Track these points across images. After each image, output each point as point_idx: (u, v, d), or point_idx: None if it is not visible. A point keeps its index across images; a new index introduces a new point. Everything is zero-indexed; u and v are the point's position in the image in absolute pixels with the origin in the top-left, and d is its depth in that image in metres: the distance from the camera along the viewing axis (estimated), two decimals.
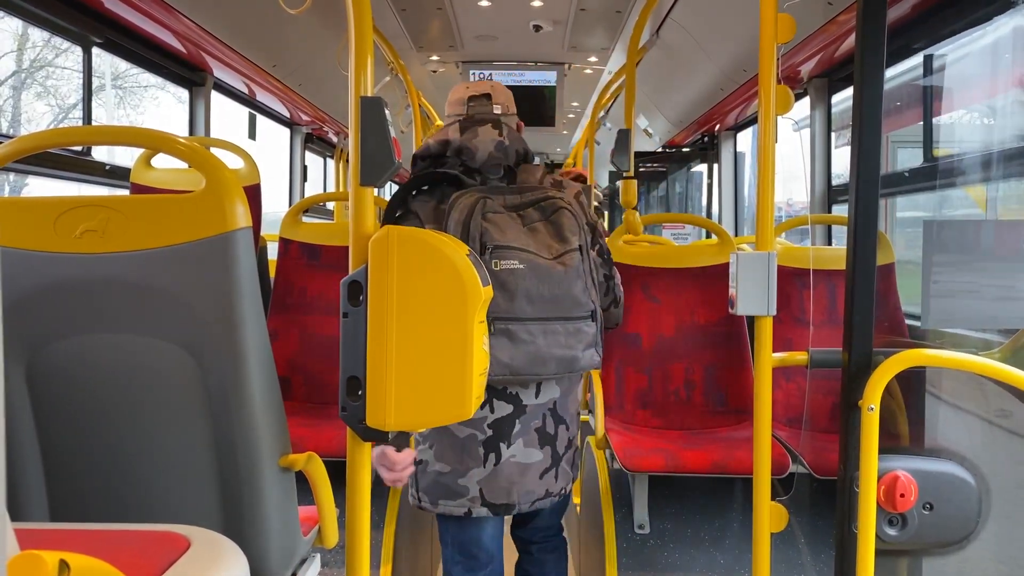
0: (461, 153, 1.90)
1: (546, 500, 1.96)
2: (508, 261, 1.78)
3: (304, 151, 5.46)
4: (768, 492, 1.71)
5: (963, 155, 3.01)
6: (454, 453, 1.91)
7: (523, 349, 1.79)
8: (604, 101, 5.38)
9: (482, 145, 1.90)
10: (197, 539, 1.18)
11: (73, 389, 1.38)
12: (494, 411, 1.90)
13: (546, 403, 1.93)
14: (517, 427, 1.90)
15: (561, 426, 1.97)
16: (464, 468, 1.91)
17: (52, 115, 11.83)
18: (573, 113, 7.54)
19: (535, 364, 1.80)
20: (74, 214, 1.35)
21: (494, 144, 1.90)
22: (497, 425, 1.89)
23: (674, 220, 7.27)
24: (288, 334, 3.04)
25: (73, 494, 1.43)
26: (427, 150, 1.95)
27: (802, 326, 2.91)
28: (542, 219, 1.86)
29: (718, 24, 3.81)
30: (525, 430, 1.91)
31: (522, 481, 1.91)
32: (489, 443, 1.90)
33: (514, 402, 1.90)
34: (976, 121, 3.86)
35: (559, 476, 1.97)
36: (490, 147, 1.90)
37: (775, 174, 1.70)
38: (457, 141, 1.91)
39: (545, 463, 1.94)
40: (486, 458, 1.90)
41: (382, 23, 4.53)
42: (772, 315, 1.70)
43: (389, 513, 2.54)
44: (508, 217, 1.83)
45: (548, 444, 1.94)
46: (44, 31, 2.93)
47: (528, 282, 1.78)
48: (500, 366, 1.78)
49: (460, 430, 1.91)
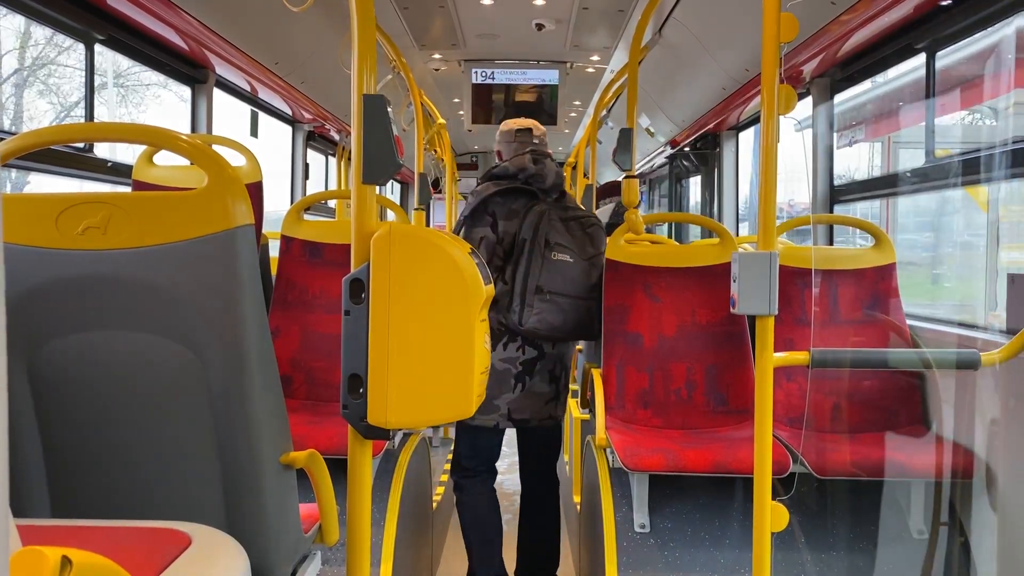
0: (533, 177, 2.73)
1: (548, 421, 2.84)
2: (562, 254, 2.67)
3: (306, 149, 5.46)
4: (769, 492, 1.71)
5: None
6: (492, 380, 2.63)
7: (564, 317, 2.67)
8: (606, 100, 5.37)
9: (550, 174, 2.76)
10: (198, 536, 1.18)
11: (75, 386, 1.38)
12: (525, 354, 2.76)
13: (556, 354, 2.82)
14: (538, 367, 2.77)
15: (564, 371, 2.87)
16: (498, 392, 2.73)
17: (54, 113, 11.83)
18: (575, 112, 7.53)
19: (573, 328, 2.72)
20: (76, 211, 1.35)
21: (556, 174, 2.78)
22: (527, 364, 2.76)
23: (675, 219, 7.26)
24: (290, 332, 3.04)
25: (75, 491, 1.43)
26: (506, 171, 2.75)
27: (803, 326, 2.91)
28: (581, 230, 2.77)
29: (721, 23, 3.80)
30: (543, 370, 2.78)
31: (535, 405, 2.78)
32: (519, 376, 2.76)
33: (539, 349, 2.77)
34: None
35: (558, 406, 2.87)
36: (554, 177, 2.77)
37: (777, 174, 1.70)
38: (532, 168, 2.73)
39: (551, 394, 2.83)
40: (515, 386, 2.75)
41: (384, 21, 4.53)
42: (773, 315, 1.70)
43: (390, 511, 2.54)
44: (562, 225, 2.71)
45: (554, 382, 2.82)
46: (47, 28, 2.92)
47: (573, 271, 2.68)
48: (551, 328, 2.66)
49: (499, 364, 2.73)
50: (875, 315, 2.92)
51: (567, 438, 4.56)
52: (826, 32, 3.06)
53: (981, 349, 2.07)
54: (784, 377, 2.85)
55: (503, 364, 2.73)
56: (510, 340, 2.73)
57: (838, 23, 2.94)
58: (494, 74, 5.67)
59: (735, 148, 5.60)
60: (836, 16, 2.88)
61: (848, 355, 2.30)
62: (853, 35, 3.09)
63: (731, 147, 5.61)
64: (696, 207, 6.46)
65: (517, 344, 2.74)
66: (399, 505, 2.57)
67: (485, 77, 5.69)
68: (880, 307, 2.93)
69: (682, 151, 6.29)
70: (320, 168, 6.22)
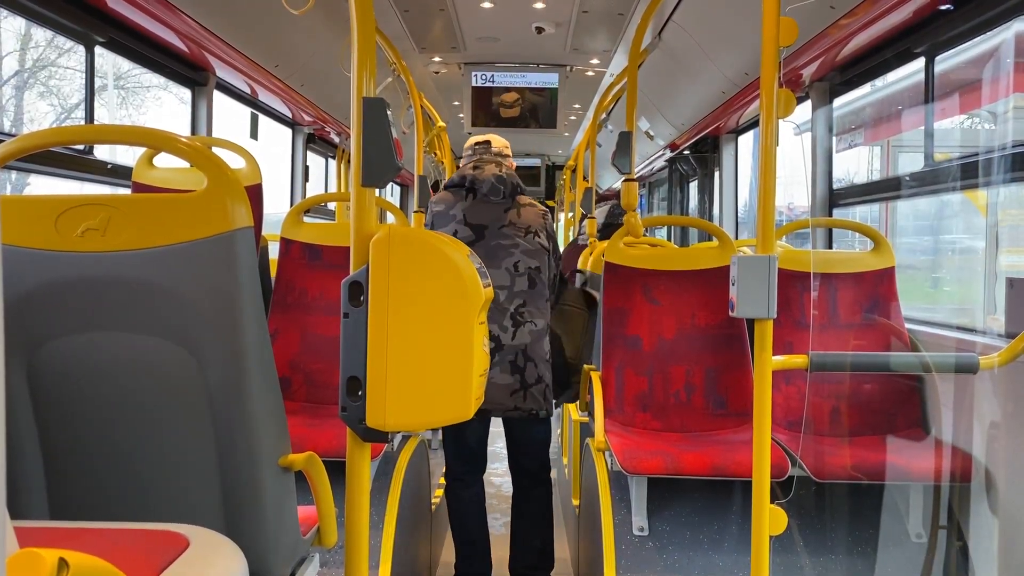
0: (474, 181, 2.89)
1: (515, 412, 2.81)
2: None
3: (306, 151, 5.46)
4: (767, 495, 1.71)
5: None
6: None
7: None
8: (606, 103, 5.38)
9: (486, 180, 2.88)
10: (196, 538, 1.18)
11: (74, 388, 1.38)
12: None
13: (516, 344, 2.81)
14: (496, 357, 2.77)
15: (530, 362, 2.83)
16: None
17: (55, 115, 11.84)
18: (575, 115, 7.53)
19: None
20: (76, 213, 1.35)
21: (495, 178, 2.89)
22: None
23: (673, 223, 7.26)
24: (289, 334, 3.04)
25: (73, 492, 1.43)
26: (451, 181, 2.94)
27: (802, 329, 2.91)
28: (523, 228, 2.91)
29: (720, 27, 3.81)
30: (502, 361, 2.79)
31: (498, 396, 2.77)
32: None
33: (495, 341, 2.79)
34: None
35: (527, 397, 2.81)
36: (492, 180, 2.88)
37: (776, 177, 1.70)
38: (471, 174, 2.90)
39: (516, 385, 2.80)
40: None
41: (385, 24, 4.53)
42: (772, 318, 1.70)
43: (388, 513, 2.54)
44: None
45: (517, 372, 2.81)
46: (48, 30, 2.92)
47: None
48: None
49: None
50: (874, 319, 2.93)
51: (566, 441, 4.55)
52: (825, 36, 3.06)
53: (980, 353, 2.07)
54: (783, 380, 2.85)
55: None
56: None
57: (837, 27, 2.95)
58: (494, 77, 5.68)
59: (734, 151, 5.61)
60: (835, 20, 2.88)
61: (847, 359, 2.30)
62: (852, 39, 3.10)
63: (730, 151, 5.61)
64: (696, 210, 6.46)
65: None
66: (398, 507, 2.57)
67: (485, 80, 5.69)
68: (879, 311, 2.93)
69: (681, 154, 6.30)
70: (320, 170, 6.22)
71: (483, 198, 2.86)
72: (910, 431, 2.74)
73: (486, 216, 2.84)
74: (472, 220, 2.83)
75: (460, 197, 2.88)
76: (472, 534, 2.96)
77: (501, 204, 2.87)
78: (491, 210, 2.85)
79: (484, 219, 2.84)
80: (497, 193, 2.86)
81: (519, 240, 2.83)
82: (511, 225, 2.84)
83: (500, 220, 2.85)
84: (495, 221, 2.84)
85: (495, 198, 2.86)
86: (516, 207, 2.89)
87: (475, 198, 2.86)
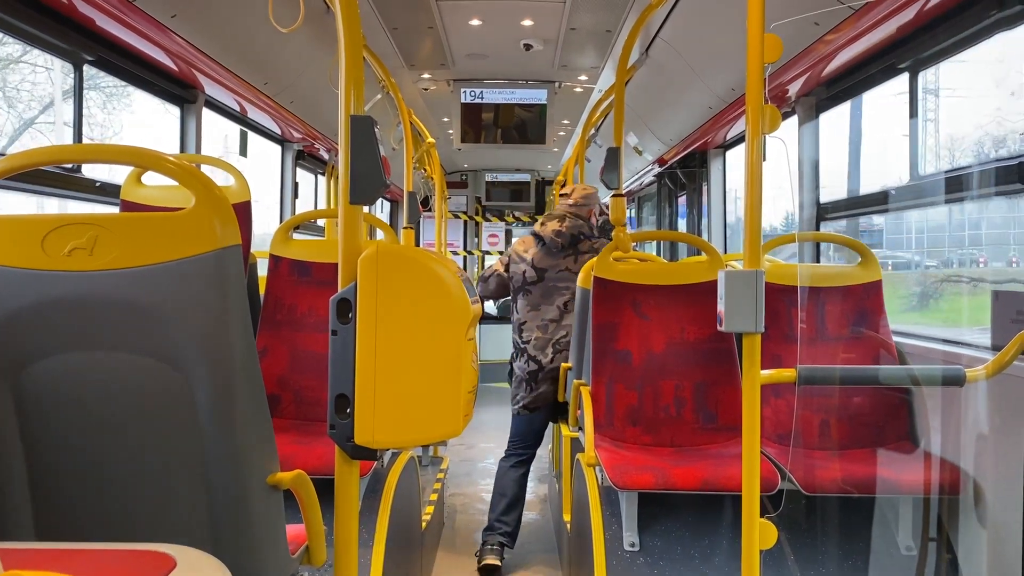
0: (540, 236, 3.69)
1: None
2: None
3: (295, 168, 5.46)
4: (757, 509, 1.71)
5: None
6: (514, 383, 3.81)
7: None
8: (594, 119, 5.41)
9: (549, 236, 3.65)
10: (183, 558, 1.17)
11: (61, 407, 1.38)
12: (529, 366, 3.72)
13: (556, 367, 3.71)
14: (540, 375, 3.72)
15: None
16: (515, 392, 3.79)
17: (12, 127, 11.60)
18: (563, 131, 7.57)
19: None
20: (62, 232, 1.34)
21: (554, 232, 3.64)
22: (532, 373, 3.74)
23: (661, 237, 7.29)
24: (278, 351, 3.03)
25: (60, 512, 1.42)
26: (531, 231, 3.76)
27: (791, 343, 2.92)
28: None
29: (706, 44, 3.84)
30: (545, 378, 3.72)
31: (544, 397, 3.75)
32: (528, 380, 3.72)
33: (538, 364, 3.68)
34: None
35: None
36: (551, 235, 3.65)
37: (763, 192, 1.71)
38: (538, 230, 3.71)
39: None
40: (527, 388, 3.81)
41: (373, 42, 4.55)
42: (760, 332, 1.70)
43: (378, 532, 2.52)
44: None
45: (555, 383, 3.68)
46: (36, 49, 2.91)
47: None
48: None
49: (517, 371, 3.79)
50: (862, 332, 2.94)
51: (556, 457, 4.54)
52: (810, 52, 3.09)
53: (967, 365, 2.09)
54: (772, 394, 2.86)
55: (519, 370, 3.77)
56: (518, 355, 3.73)
57: (822, 43, 2.98)
58: (483, 93, 5.71)
59: (722, 166, 5.64)
60: (820, 36, 2.92)
61: (835, 372, 2.31)
62: (837, 55, 3.13)
63: (718, 165, 5.65)
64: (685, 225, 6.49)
65: (524, 358, 3.71)
66: (387, 526, 2.55)
67: (474, 97, 5.72)
68: (866, 324, 2.95)
69: (670, 169, 6.33)
70: (309, 187, 6.22)
71: (547, 248, 3.65)
72: (899, 444, 2.75)
73: (548, 262, 3.66)
74: (538, 264, 3.66)
75: (534, 243, 3.69)
76: (504, 490, 3.68)
77: (561, 253, 3.65)
78: (553, 257, 3.65)
79: (546, 264, 3.65)
80: (556, 246, 3.64)
81: (572, 285, 3.58)
82: (567, 271, 3.64)
83: (559, 266, 3.65)
84: (554, 267, 3.66)
85: (555, 249, 3.64)
86: (576, 254, 3.65)
87: (543, 245, 3.66)
